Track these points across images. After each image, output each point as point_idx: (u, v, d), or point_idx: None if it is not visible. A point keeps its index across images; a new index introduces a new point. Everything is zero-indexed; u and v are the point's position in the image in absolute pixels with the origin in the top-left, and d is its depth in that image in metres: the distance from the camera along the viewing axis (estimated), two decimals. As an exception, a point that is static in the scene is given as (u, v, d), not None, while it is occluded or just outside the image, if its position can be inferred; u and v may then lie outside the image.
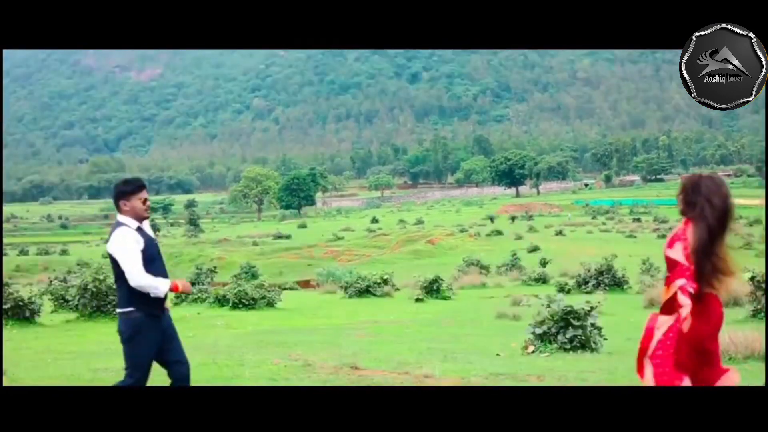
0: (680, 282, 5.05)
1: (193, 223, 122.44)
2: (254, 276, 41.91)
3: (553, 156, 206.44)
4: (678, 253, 5.18)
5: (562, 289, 25.76)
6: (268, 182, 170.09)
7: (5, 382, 8.34)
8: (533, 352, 11.07)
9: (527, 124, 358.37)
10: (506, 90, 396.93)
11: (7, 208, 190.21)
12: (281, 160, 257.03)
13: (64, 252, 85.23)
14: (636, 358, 5.31)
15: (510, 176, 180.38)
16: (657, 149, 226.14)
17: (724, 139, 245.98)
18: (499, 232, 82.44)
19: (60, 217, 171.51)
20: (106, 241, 5.85)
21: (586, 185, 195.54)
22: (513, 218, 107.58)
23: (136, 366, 5.78)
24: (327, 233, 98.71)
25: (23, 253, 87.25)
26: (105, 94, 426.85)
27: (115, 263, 5.77)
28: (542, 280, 33.81)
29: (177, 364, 5.95)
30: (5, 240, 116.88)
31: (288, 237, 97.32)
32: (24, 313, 17.88)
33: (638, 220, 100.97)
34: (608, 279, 27.06)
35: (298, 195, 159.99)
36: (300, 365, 8.76)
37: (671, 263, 5.25)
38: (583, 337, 11.05)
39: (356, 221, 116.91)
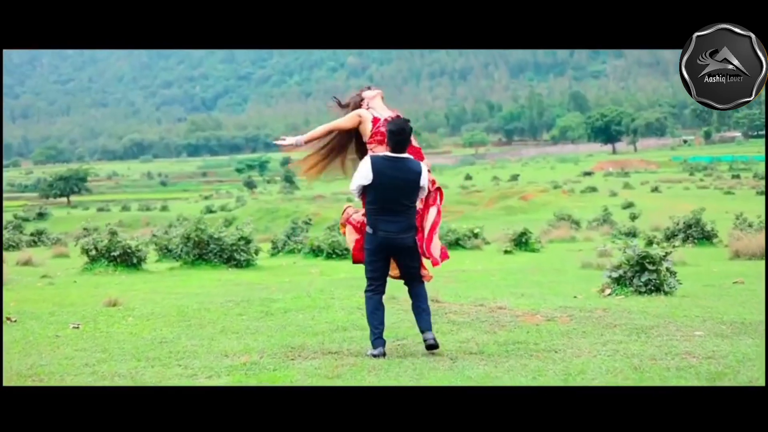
0: None
1: (289, 180, 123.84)
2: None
3: (652, 112, 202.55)
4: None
5: (651, 243, 25.89)
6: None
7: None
8: (609, 294, 11.57)
9: (625, 80, 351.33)
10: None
11: (109, 166, 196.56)
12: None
13: (164, 208, 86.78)
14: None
15: (606, 133, 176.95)
16: (759, 104, 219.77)
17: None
18: (593, 189, 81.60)
19: (159, 175, 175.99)
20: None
21: (685, 141, 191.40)
22: (608, 174, 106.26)
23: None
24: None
25: (125, 209, 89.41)
26: (202, 53, 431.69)
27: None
28: (632, 234, 33.79)
29: None
30: (108, 196, 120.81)
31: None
32: (132, 260, 19.23)
33: (737, 176, 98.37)
34: (696, 232, 27.12)
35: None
36: (386, 298, 9.47)
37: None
38: (657, 281, 11.39)
39: (450, 178, 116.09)
